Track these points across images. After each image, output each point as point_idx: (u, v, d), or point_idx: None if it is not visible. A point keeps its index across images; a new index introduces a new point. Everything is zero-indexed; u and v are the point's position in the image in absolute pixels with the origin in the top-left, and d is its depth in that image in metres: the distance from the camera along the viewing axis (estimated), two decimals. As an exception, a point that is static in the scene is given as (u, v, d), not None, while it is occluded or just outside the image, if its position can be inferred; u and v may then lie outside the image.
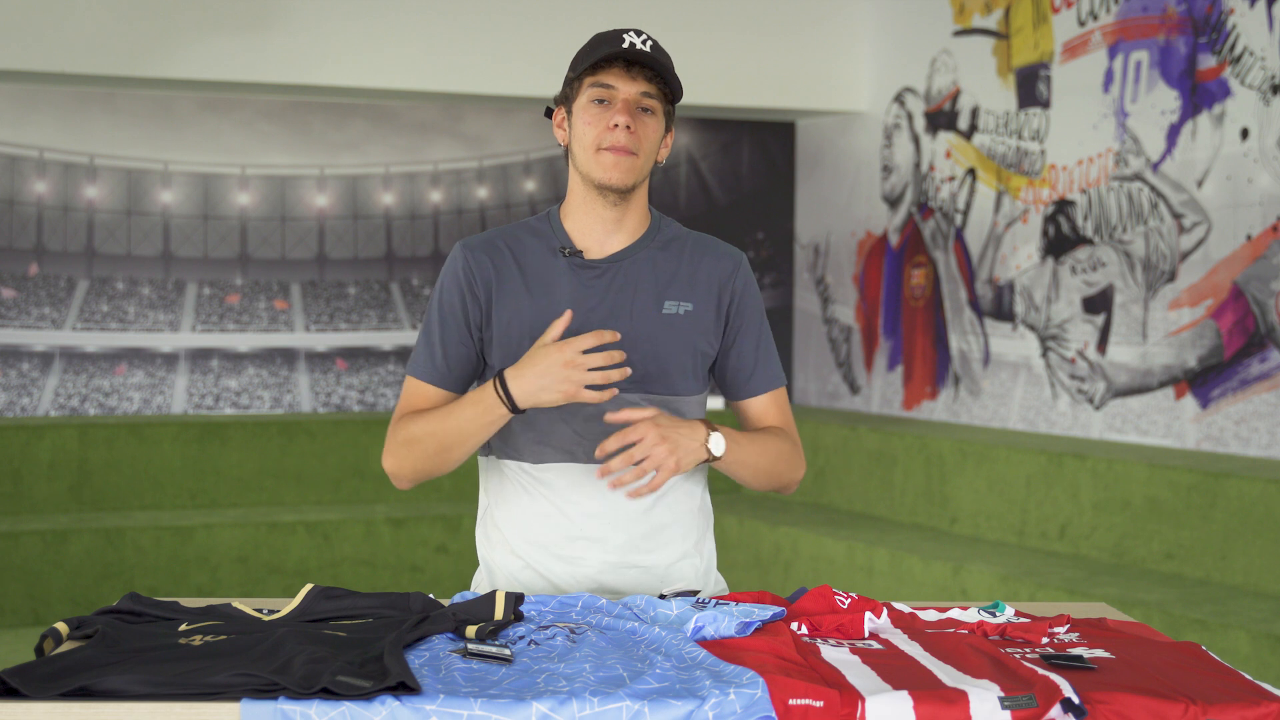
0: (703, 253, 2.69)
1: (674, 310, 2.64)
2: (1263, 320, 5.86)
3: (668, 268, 2.66)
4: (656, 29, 7.71)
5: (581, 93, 2.59)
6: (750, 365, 2.72)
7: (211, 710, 1.86)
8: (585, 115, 2.58)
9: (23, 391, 7.66)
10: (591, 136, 2.57)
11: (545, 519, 2.64)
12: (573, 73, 2.60)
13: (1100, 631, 2.35)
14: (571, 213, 2.66)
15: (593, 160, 2.57)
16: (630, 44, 2.56)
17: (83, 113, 7.70)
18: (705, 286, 2.67)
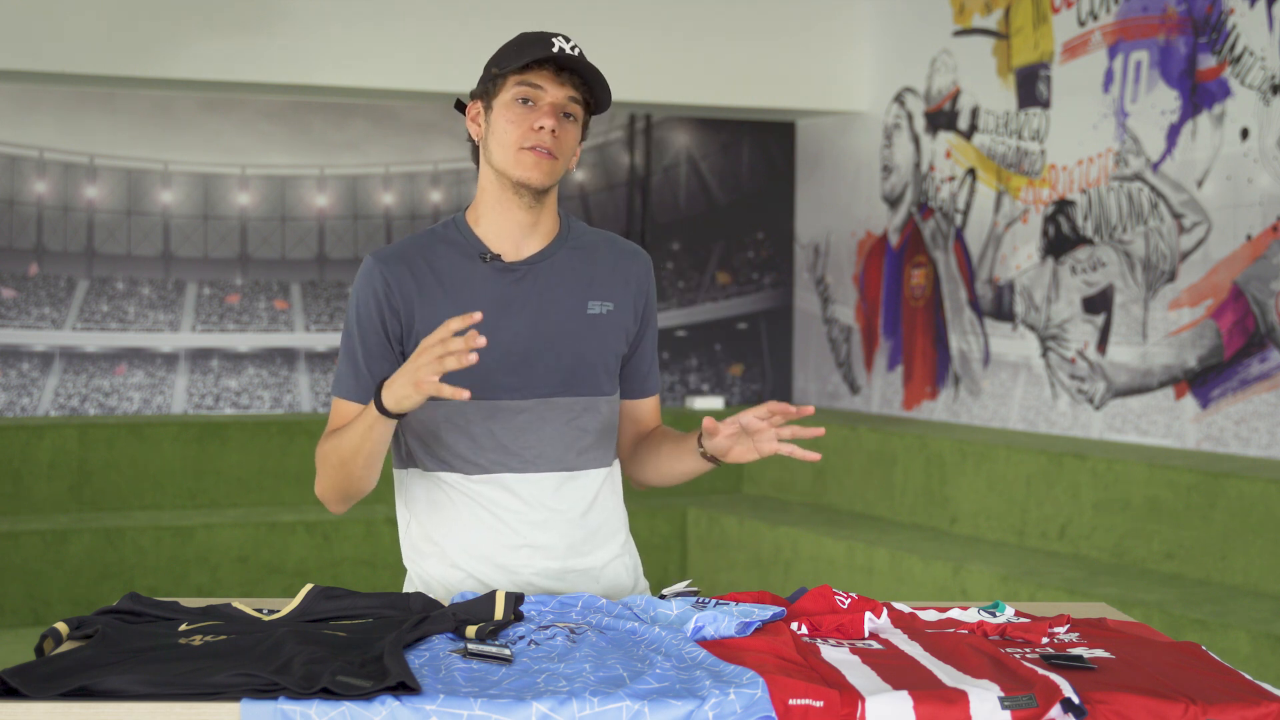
0: (617, 253, 2.69)
1: (598, 310, 2.63)
2: (1263, 320, 5.86)
3: (587, 268, 2.64)
4: (656, 29, 7.74)
5: (505, 90, 2.54)
6: (648, 366, 2.75)
7: (211, 710, 1.86)
8: (509, 114, 2.54)
9: (23, 391, 7.66)
10: (514, 135, 2.53)
11: (485, 529, 2.61)
12: (497, 69, 2.56)
13: (1100, 631, 2.35)
14: (484, 217, 2.62)
15: (513, 159, 2.54)
16: (559, 49, 2.52)
17: (83, 113, 7.70)
18: (624, 286, 2.67)
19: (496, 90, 2.56)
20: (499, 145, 2.55)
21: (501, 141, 2.55)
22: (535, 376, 2.59)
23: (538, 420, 2.59)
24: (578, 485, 2.64)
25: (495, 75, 2.56)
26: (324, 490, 2.63)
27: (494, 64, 2.58)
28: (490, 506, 2.61)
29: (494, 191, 2.60)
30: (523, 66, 2.53)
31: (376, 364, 2.58)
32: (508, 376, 2.57)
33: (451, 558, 2.65)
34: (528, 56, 2.52)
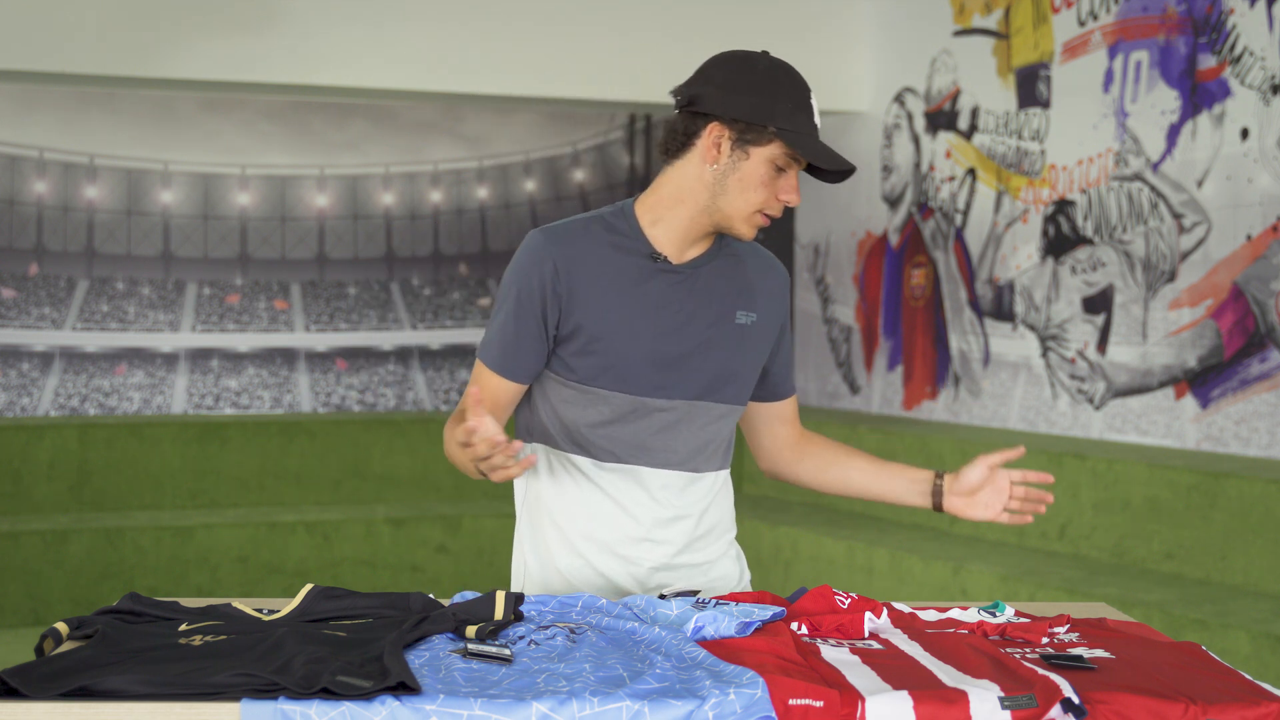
0: (762, 265, 2.71)
1: (744, 321, 2.66)
2: (1263, 320, 5.86)
3: (736, 278, 2.66)
4: (657, 29, 7.74)
5: (769, 146, 2.48)
6: (784, 370, 2.80)
7: (211, 710, 1.86)
8: (761, 173, 2.49)
9: (23, 391, 7.66)
10: (759, 199, 2.51)
11: (610, 519, 2.64)
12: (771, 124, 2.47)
13: (1100, 631, 2.35)
14: (661, 220, 2.59)
15: (745, 217, 2.53)
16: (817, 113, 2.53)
17: (83, 113, 7.70)
18: (765, 299, 2.70)
19: (759, 140, 2.48)
20: (740, 197, 2.52)
21: (744, 196, 2.51)
22: (682, 379, 2.61)
23: (678, 421, 2.62)
24: (702, 486, 2.68)
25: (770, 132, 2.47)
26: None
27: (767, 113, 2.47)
28: (618, 496, 2.63)
29: (693, 210, 2.57)
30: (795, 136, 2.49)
31: (526, 343, 2.58)
32: (656, 375, 2.59)
33: (573, 542, 2.66)
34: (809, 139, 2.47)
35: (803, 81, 2.52)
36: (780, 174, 2.50)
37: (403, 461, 7.66)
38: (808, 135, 2.48)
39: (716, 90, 2.49)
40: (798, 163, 2.50)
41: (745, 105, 2.47)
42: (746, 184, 2.50)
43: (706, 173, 2.52)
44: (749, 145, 2.48)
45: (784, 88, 2.49)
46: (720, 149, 2.50)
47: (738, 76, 2.49)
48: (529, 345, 2.58)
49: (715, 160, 2.50)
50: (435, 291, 8.33)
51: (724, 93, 2.48)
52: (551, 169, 8.49)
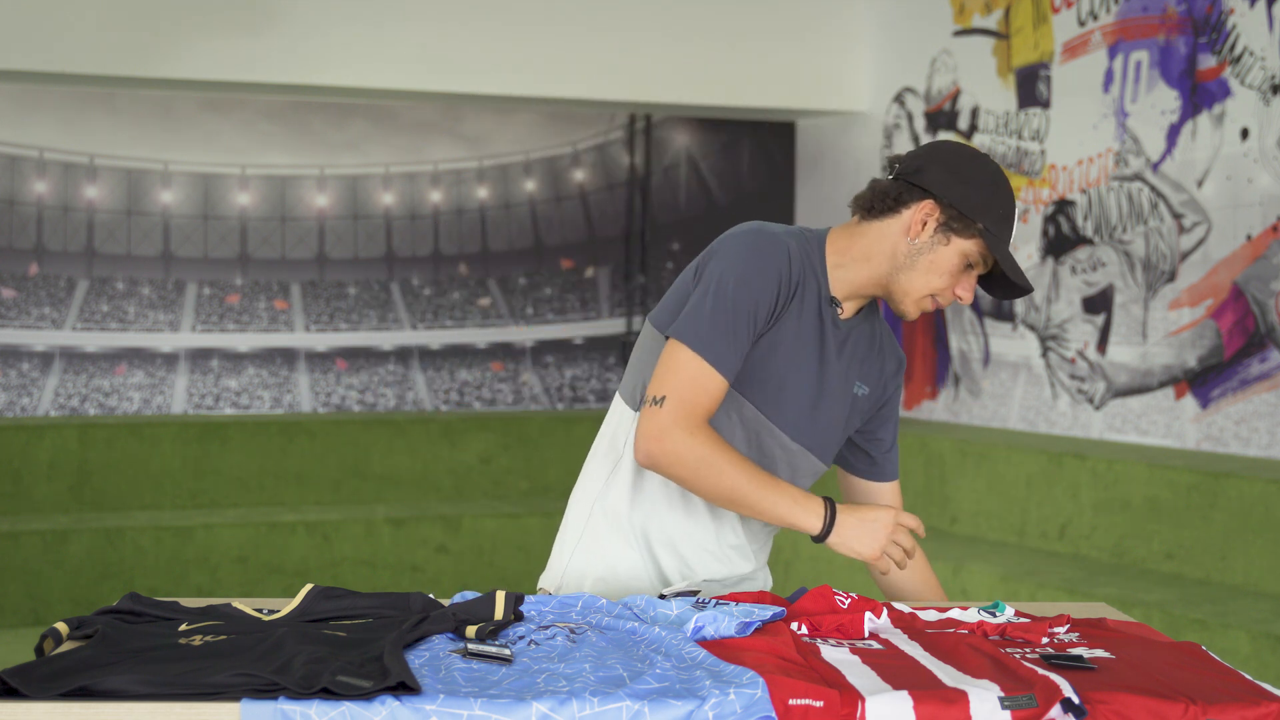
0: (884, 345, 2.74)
1: (859, 392, 2.70)
2: (1263, 320, 5.85)
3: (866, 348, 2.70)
4: (657, 29, 7.73)
5: (969, 240, 2.51)
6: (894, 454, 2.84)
7: (211, 710, 1.86)
8: (950, 264, 2.52)
9: (23, 391, 7.66)
10: (938, 285, 2.54)
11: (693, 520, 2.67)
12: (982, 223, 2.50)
13: (1100, 631, 2.35)
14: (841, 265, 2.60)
15: (917, 299, 2.56)
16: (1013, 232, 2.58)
17: (83, 113, 7.71)
18: (878, 378, 2.73)
19: (961, 232, 2.51)
20: (923, 277, 2.54)
21: (926, 278, 2.54)
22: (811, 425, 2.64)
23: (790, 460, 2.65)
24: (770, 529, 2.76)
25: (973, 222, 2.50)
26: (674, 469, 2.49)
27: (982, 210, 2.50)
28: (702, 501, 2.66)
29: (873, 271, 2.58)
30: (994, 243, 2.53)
31: (748, 344, 2.52)
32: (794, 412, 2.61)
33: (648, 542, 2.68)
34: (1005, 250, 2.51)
35: (1014, 196, 2.57)
36: (966, 271, 2.55)
37: (403, 461, 7.66)
38: (1006, 244, 2.52)
39: (942, 171, 2.52)
40: (985, 265, 2.54)
41: (964, 195, 2.50)
42: (935, 268, 2.53)
43: (903, 244, 2.54)
44: (953, 234, 2.51)
45: (1002, 193, 2.53)
46: (926, 226, 2.52)
47: (966, 166, 2.52)
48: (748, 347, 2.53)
49: (917, 235, 2.53)
50: (435, 291, 8.33)
51: (949, 176, 2.51)
52: (551, 169, 8.49)
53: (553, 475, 7.80)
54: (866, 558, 2.49)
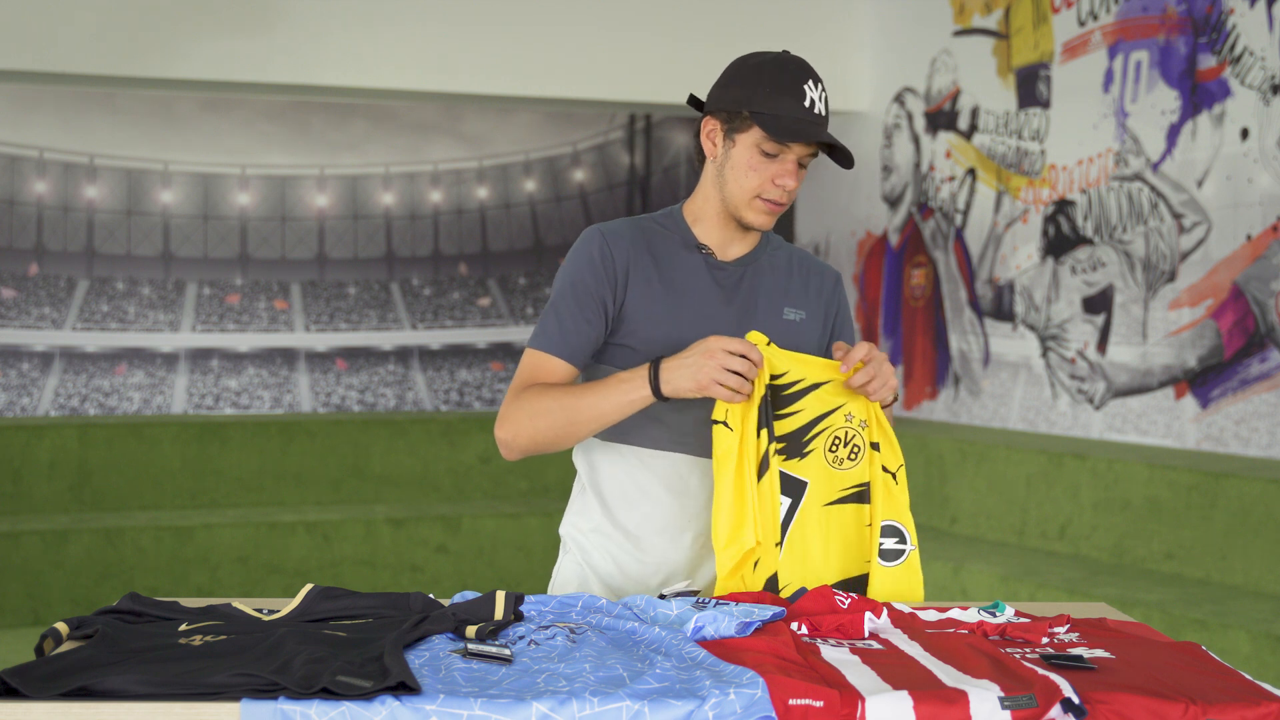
0: (809, 267, 2.78)
1: (792, 317, 2.71)
2: (1263, 320, 5.86)
3: (783, 276, 2.73)
4: (657, 29, 7.74)
5: (749, 132, 2.58)
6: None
7: (211, 710, 1.87)
8: (750, 159, 2.59)
9: (23, 391, 7.66)
10: (753, 184, 2.59)
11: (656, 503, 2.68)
12: (748, 110, 2.56)
13: (1100, 631, 2.35)
14: (700, 219, 2.70)
15: (746, 204, 2.61)
16: (812, 102, 2.56)
17: (83, 113, 7.71)
18: (815, 298, 2.75)
19: (741, 126, 2.59)
20: (735, 184, 2.61)
21: (739, 183, 2.60)
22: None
23: None
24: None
25: (739, 106, 2.57)
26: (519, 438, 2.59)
27: (745, 99, 2.57)
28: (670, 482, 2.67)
29: (716, 206, 2.67)
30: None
31: (583, 326, 2.62)
32: None
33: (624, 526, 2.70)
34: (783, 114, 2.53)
35: (796, 69, 2.57)
36: (771, 159, 2.57)
37: (403, 461, 7.66)
38: (784, 117, 2.53)
39: (713, 89, 2.65)
40: (785, 146, 2.55)
41: (728, 96, 2.59)
42: (739, 170, 2.60)
43: (712, 168, 2.66)
44: (735, 133, 2.60)
45: (767, 75, 2.57)
46: (715, 142, 2.64)
47: (730, 72, 2.62)
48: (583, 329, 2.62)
49: (714, 154, 2.64)
50: (435, 291, 8.33)
51: (716, 89, 2.63)
52: (551, 169, 8.49)
53: (552, 476, 7.80)
54: (696, 391, 2.46)
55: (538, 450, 2.60)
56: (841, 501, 2.61)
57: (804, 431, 2.59)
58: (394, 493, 7.63)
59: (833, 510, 2.60)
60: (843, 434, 2.61)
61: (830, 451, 2.60)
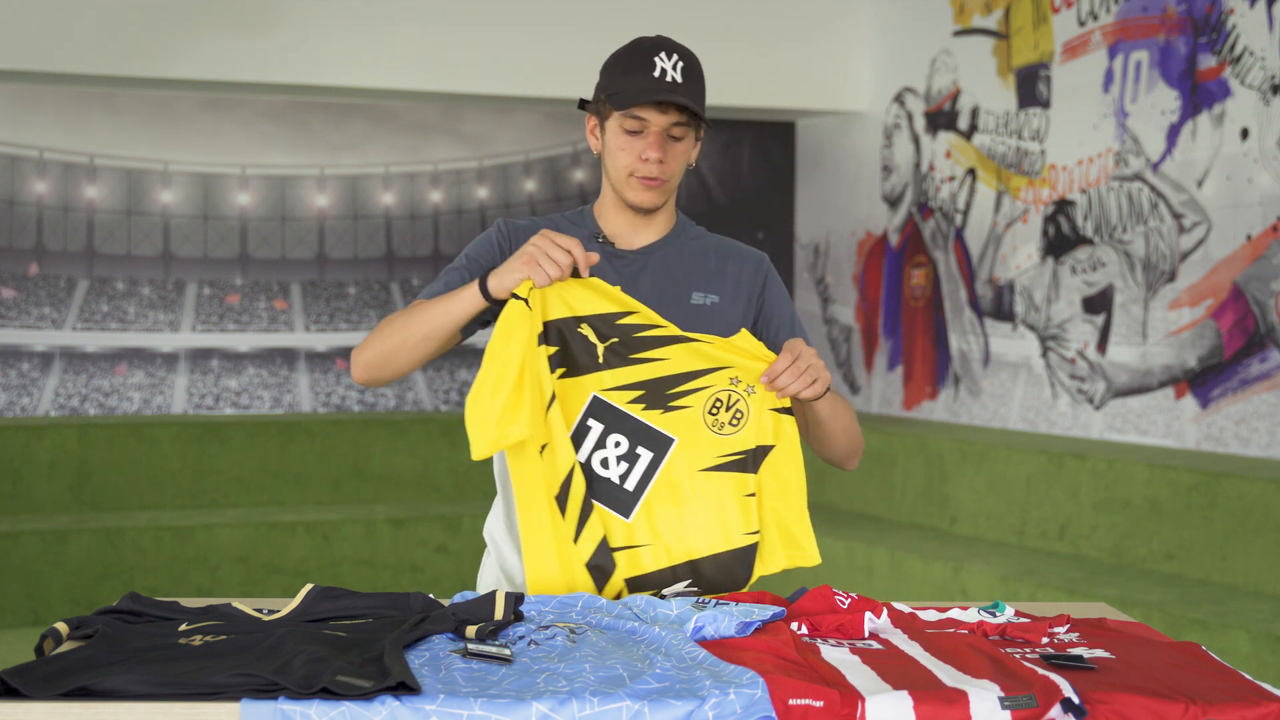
0: (727, 254, 2.77)
1: (701, 301, 2.71)
2: (1263, 320, 5.86)
3: (694, 264, 2.74)
4: (657, 30, 7.72)
5: (612, 117, 2.65)
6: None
7: (211, 710, 1.87)
8: (617, 141, 2.65)
9: (23, 391, 7.66)
10: (624, 163, 2.65)
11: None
12: (604, 94, 2.65)
13: (1100, 631, 2.35)
14: (604, 211, 2.74)
15: (624, 183, 2.66)
16: (663, 71, 2.60)
17: (83, 113, 7.71)
18: (732, 282, 2.74)
19: (606, 114, 2.66)
20: (612, 167, 2.68)
21: (614, 164, 2.66)
22: None
23: None
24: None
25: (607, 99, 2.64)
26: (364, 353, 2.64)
27: (603, 86, 2.66)
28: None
29: (611, 196, 2.72)
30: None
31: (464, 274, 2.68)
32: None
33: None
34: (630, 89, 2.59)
35: (649, 45, 2.64)
36: (636, 135, 2.63)
37: (403, 461, 7.66)
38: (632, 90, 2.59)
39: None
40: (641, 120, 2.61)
41: (595, 91, 2.68)
42: (612, 155, 2.66)
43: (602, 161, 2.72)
44: (604, 121, 2.67)
45: (620, 58, 2.65)
46: (596, 136, 2.71)
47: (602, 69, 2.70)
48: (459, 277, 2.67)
49: (596, 148, 2.71)
50: (435, 291, 8.33)
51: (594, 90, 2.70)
52: (551, 169, 8.49)
53: (553, 475, 7.79)
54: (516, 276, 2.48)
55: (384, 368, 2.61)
56: (720, 469, 2.54)
57: (670, 384, 2.55)
58: (394, 493, 7.63)
59: (709, 477, 2.54)
60: (725, 397, 2.56)
61: (710, 414, 2.55)
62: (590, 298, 2.55)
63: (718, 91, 7.93)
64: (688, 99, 2.60)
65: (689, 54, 2.65)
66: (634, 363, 2.55)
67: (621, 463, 2.54)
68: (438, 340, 2.58)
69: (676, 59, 2.62)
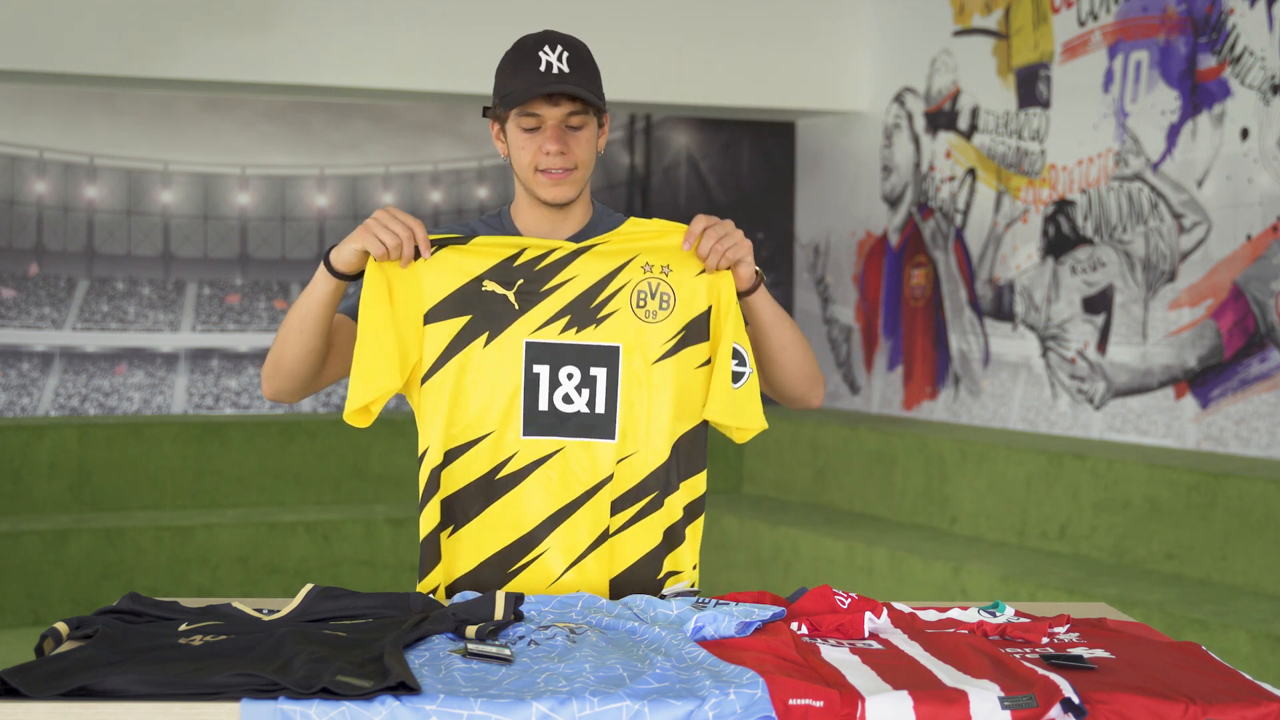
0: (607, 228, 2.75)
1: None
2: (1263, 320, 5.86)
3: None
4: (656, 30, 7.74)
5: (510, 118, 2.63)
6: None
7: (211, 710, 1.87)
8: (517, 140, 2.63)
9: (23, 391, 7.66)
10: (527, 159, 2.62)
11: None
12: (498, 97, 2.64)
13: (1100, 631, 2.35)
14: (520, 212, 2.72)
15: (530, 180, 2.63)
16: (549, 65, 2.59)
17: (83, 113, 7.71)
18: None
19: (503, 115, 2.65)
20: (517, 166, 2.66)
21: (519, 164, 2.65)
22: None
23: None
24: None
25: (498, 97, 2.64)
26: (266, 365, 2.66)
27: (496, 89, 2.66)
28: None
29: (524, 194, 2.69)
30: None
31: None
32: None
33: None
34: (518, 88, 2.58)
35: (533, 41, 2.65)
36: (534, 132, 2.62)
37: (403, 461, 7.66)
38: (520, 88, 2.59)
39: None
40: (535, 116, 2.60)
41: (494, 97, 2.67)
42: (515, 154, 2.64)
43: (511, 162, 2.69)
44: (504, 124, 2.66)
45: (507, 59, 2.66)
46: (500, 139, 2.69)
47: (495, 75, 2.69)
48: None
49: (504, 152, 2.69)
50: (435, 291, 8.34)
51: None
52: (551, 169, 8.50)
53: (553, 475, 7.79)
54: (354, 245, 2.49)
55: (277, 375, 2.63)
56: (669, 355, 2.56)
57: (589, 297, 2.56)
58: (394, 493, 7.63)
59: (662, 366, 2.55)
60: (647, 286, 2.57)
61: (638, 308, 2.56)
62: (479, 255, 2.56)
63: (718, 91, 7.95)
64: (576, 86, 2.58)
65: (576, 43, 2.66)
66: (548, 294, 2.56)
67: (583, 390, 2.54)
68: (312, 332, 2.57)
69: (561, 49, 2.62)
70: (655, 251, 2.57)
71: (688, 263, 2.56)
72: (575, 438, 2.54)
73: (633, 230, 2.60)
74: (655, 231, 2.59)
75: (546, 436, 2.54)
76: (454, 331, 2.53)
